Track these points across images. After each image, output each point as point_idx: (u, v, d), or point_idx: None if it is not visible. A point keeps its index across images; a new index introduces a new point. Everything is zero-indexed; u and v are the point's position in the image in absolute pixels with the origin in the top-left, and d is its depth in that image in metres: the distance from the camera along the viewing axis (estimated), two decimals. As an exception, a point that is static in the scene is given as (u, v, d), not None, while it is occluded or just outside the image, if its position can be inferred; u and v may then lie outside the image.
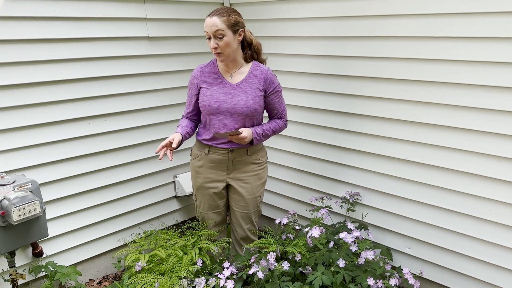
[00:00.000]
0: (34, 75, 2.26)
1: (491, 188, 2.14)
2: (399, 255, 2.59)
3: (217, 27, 2.09)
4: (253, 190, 2.44)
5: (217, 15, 2.10)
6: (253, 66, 2.29)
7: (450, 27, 2.09)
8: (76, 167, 2.53)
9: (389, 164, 2.49)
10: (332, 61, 2.62)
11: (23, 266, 2.41)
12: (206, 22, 2.12)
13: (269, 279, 2.18)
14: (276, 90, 2.32)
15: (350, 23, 2.46)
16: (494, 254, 2.20)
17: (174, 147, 2.14)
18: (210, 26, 2.10)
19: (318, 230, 2.22)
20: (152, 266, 2.29)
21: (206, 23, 2.12)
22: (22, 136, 2.28)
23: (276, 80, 2.33)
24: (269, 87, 2.29)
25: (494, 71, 2.00)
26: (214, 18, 2.10)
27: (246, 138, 2.19)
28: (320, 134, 2.80)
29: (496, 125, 2.05)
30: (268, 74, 2.29)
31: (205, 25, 2.12)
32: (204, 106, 2.24)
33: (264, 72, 2.29)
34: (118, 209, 2.80)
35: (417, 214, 2.44)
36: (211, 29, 2.10)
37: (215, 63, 2.31)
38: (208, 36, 2.13)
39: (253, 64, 2.30)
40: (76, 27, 2.38)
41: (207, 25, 2.11)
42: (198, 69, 2.31)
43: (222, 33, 2.10)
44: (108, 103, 2.61)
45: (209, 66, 2.31)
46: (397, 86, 2.35)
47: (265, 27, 2.94)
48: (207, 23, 2.11)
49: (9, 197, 1.99)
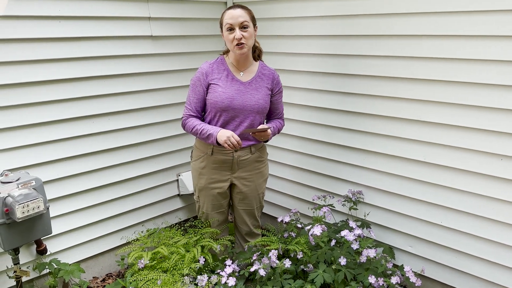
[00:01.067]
0: (38, 74, 2.28)
1: (493, 186, 2.13)
2: (401, 253, 2.59)
3: (243, 18, 2.13)
4: (256, 188, 2.46)
5: (240, 8, 2.14)
6: (261, 65, 2.34)
7: (454, 26, 2.08)
8: (79, 165, 2.55)
9: (392, 162, 2.49)
10: (336, 60, 2.62)
11: (27, 263, 2.43)
12: (231, 14, 2.12)
13: (271, 277, 2.18)
14: (281, 90, 2.40)
15: (354, 21, 2.46)
16: (496, 252, 2.19)
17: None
18: (237, 17, 2.11)
19: (320, 228, 2.22)
20: (155, 264, 2.31)
21: (231, 14, 2.12)
22: (26, 134, 2.30)
23: (280, 81, 2.40)
24: (275, 87, 2.34)
25: (498, 69, 1.99)
26: (238, 10, 2.13)
27: (269, 134, 2.23)
28: (322, 133, 2.80)
29: (498, 123, 2.04)
30: (275, 74, 2.36)
31: (229, 17, 2.12)
32: (216, 103, 2.23)
33: (271, 72, 2.35)
34: (121, 207, 2.82)
35: (420, 212, 2.43)
36: (237, 20, 2.11)
37: (223, 60, 2.30)
38: (229, 28, 2.13)
39: (260, 64, 2.35)
40: (80, 26, 2.39)
41: (232, 16, 2.11)
42: (207, 65, 2.28)
43: (247, 24, 2.14)
44: (112, 102, 2.63)
45: (218, 63, 2.29)
46: (400, 84, 2.35)
47: (269, 26, 2.95)
48: (233, 14, 2.12)
49: (13, 194, 2.00)
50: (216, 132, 2.18)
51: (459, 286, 2.38)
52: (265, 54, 3.01)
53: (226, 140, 2.12)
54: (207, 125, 2.24)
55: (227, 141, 2.12)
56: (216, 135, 2.17)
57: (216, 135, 2.17)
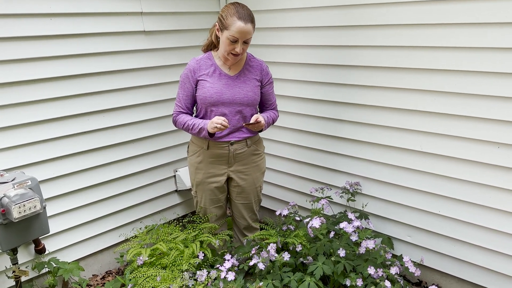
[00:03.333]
0: (30, 73, 2.25)
1: (491, 174, 2.13)
2: (400, 243, 2.59)
3: (250, 34, 2.11)
4: (253, 181, 2.45)
5: (250, 22, 2.08)
6: (249, 57, 2.32)
7: (450, 14, 2.07)
8: (75, 164, 2.54)
9: (389, 153, 2.49)
10: (330, 51, 2.60)
11: (26, 263, 2.43)
12: (242, 29, 2.05)
13: (270, 270, 2.19)
14: (271, 81, 2.39)
15: (348, 12, 2.45)
16: (494, 240, 2.20)
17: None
18: (246, 34, 2.08)
19: (319, 220, 2.22)
20: (154, 260, 2.30)
21: (242, 29, 2.05)
22: (20, 133, 2.28)
23: (270, 71, 2.39)
24: (264, 78, 2.33)
25: (492, 57, 1.98)
26: (249, 26, 2.08)
27: (263, 125, 2.22)
28: (319, 125, 2.79)
29: (495, 111, 2.04)
30: (263, 65, 2.35)
31: (239, 31, 2.05)
32: (205, 98, 2.23)
33: (259, 63, 2.33)
34: (119, 204, 2.81)
35: (417, 202, 2.44)
36: (245, 36, 2.09)
37: (211, 55, 2.29)
38: (234, 40, 2.09)
39: (248, 55, 2.33)
40: (72, 23, 2.37)
41: (242, 32, 2.06)
42: (194, 62, 2.28)
43: (250, 39, 2.13)
44: (106, 99, 2.61)
45: (205, 59, 2.29)
46: (395, 74, 2.34)
47: (262, 19, 2.92)
48: (243, 30, 2.06)
49: (9, 194, 1.99)
50: (205, 124, 2.19)
51: (458, 274, 2.39)
52: (257, 47, 3.01)
53: (214, 126, 2.12)
54: (197, 120, 2.25)
55: (216, 125, 2.11)
56: (206, 127, 2.18)
57: (207, 127, 2.18)
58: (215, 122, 2.11)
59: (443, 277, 2.49)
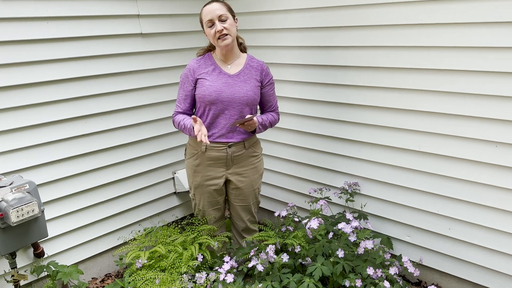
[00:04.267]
0: (27, 76, 2.25)
1: (489, 173, 2.13)
2: (399, 243, 2.59)
3: (221, 10, 2.14)
4: (252, 183, 2.45)
5: (215, 2, 2.16)
6: (249, 58, 2.33)
7: (445, 13, 2.07)
8: (73, 167, 2.53)
9: (387, 153, 2.49)
10: (328, 52, 2.60)
11: (24, 266, 2.42)
12: (208, 9, 2.14)
13: (269, 272, 2.18)
14: (271, 82, 2.38)
15: (344, 12, 2.45)
16: (493, 239, 2.20)
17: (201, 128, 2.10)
18: (214, 11, 2.13)
19: (317, 221, 2.22)
20: (152, 263, 2.30)
21: (208, 9, 2.14)
22: (18, 137, 2.28)
23: (270, 72, 2.38)
24: (265, 79, 2.33)
25: (490, 56, 1.99)
26: (214, 4, 2.15)
27: (255, 123, 2.21)
28: (317, 126, 2.79)
29: (492, 110, 2.04)
30: (264, 66, 2.35)
31: (207, 12, 2.14)
32: (204, 97, 2.22)
33: (260, 64, 2.33)
34: (117, 207, 2.81)
35: (416, 202, 2.44)
36: (215, 14, 2.12)
37: (210, 56, 2.30)
38: (210, 24, 2.15)
39: (248, 56, 2.34)
40: (68, 26, 2.37)
41: (209, 11, 2.13)
42: (193, 62, 2.29)
43: (226, 16, 2.15)
44: (104, 102, 2.60)
45: (205, 59, 2.29)
46: (392, 74, 2.34)
47: (258, 20, 2.93)
48: (209, 9, 2.14)
49: (7, 198, 1.99)
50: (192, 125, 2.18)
51: (457, 274, 2.39)
52: (254, 48, 3.01)
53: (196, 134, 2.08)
54: (187, 120, 2.23)
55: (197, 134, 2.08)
56: (193, 129, 2.15)
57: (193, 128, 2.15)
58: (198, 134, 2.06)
59: (443, 276, 2.49)
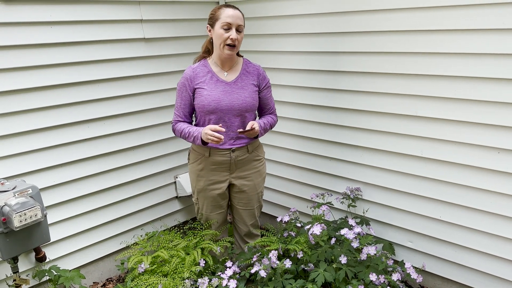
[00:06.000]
0: (31, 81, 2.26)
1: (491, 180, 2.13)
2: (401, 249, 2.59)
3: (242, 21, 2.14)
4: (255, 187, 2.45)
5: (238, 10, 2.13)
6: (245, 63, 2.33)
7: (446, 21, 2.08)
8: (76, 171, 2.53)
9: (389, 158, 2.49)
10: (330, 57, 2.61)
11: (26, 271, 2.42)
12: (232, 13, 2.09)
13: (271, 277, 2.18)
14: (268, 86, 2.39)
15: (346, 18, 2.46)
16: (495, 245, 2.20)
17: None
18: (237, 18, 2.11)
19: (319, 227, 2.22)
20: (155, 268, 2.30)
21: (232, 13, 2.09)
22: (21, 141, 2.28)
23: (267, 76, 2.39)
24: (262, 82, 2.33)
25: (492, 63, 1.99)
26: (238, 12, 2.12)
27: (257, 132, 2.21)
28: (319, 131, 2.80)
29: (495, 117, 2.04)
30: (260, 70, 2.35)
31: (230, 15, 2.09)
32: (203, 106, 2.22)
33: (256, 68, 2.34)
34: (119, 211, 2.81)
35: (418, 208, 2.44)
36: (236, 21, 2.10)
37: (206, 62, 2.29)
38: (226, 27, 2.10)
39: (244, 61, 2.34)
40: (72, 31, 2.37)
41: (233, 16, 2.09)
42: (190, 70, 2.27)
43: (242, 28, 2.15)
44: (106, 106, 2.61)
45: (201, 66, 2.28)
46: (394, 80, 2.35)
47: (261, 25, 2.94)
48: (234, 14, 2.09)
49: (10, 203, 1.99)
50: (199, 132, 2.18)
51: (460, 280, 2.39)
52: (255, 53, 3.03)
53: (207, 138, 2.10)
54: (192, 128, 2.24)
55: (209, 137, 2.09)
56: (200, 137, 2.17)
57: (200, 136, 2.17)
58: (209, 135, 2.08)
59: (445, 282, 2.49)
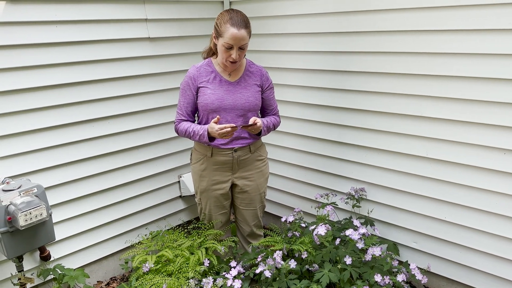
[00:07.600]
0: (36, 80, 2.26)
1: (497, 181, 2.13)
2: (406, 249, 2.58)
3: (244, 40, 2.08)
4: (258, 187, 2.45)
5: (244, 28, 2.06)
6: (248, 63, 2.33)
7: (453, 21, 2.07)
8: (80, 170, 2.54)
9: (394, 159, 2.48)
10: (334, 57, 2.60)
11: (31, 270, 2.42)
12: (235, 35, 2.04)
13: (276, 278, 2.18)
14: (271, 86, 2.40)
15: (351, 18, 2.45)
16: (501, 247, 2.19)
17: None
18: (240, 40, 2.06)
19: (324, 227, 2.21)
20: (159, 267, 2.30)
21: (235, 35, 2.04)
22: (26, 141, 2.29)
23: (269, 77, 2.39)
24: (265, 83, 2.34)
25: (498, 63, 1.98)
26: (243, 32, 2.05)
27: (260, 127, 2.18)
28: (323, 130, 2.79)
29: (500, 117, 2.04)
30: (263, 71, 2.36)
31: (233, 36, 2.04)
32: (206, 105, 2.23)
33: (259, 69, 2.34)
34: (124, 210, 2.81)
35: (423, 208, 2.43)
36: (240, 43, 2.07)
37: (210, 62, 2.29)
38: (228, 46, 2.08)
39: (247, 61, 2.34)
40: (77, 30, 2.37)
41: (236, 38, 2.04)
42: (194, 69, 2.27)
43: (246, 44, 2.11)
44: (111, 105, 2.61)
45: (205, 66, 2.28)
46: (400, 80, 2.34)
47: (265, 25, 2.93)
48: (237, 37, 2.04)
49: (15, 202, 1.99)
50: (205, 130, 2.17)
51: (464, 280, 2.38)
52: (259, 53, 3.02)
53: (219, 132, 2.08)
54: (196, 126, 2.24)
55: (220, 132, 2.07)
56: (206, 134, 2.17)
57: (207, 134, 2.16)
58: (220, 129, 2.07)
59: (450, 283, 2.48)
